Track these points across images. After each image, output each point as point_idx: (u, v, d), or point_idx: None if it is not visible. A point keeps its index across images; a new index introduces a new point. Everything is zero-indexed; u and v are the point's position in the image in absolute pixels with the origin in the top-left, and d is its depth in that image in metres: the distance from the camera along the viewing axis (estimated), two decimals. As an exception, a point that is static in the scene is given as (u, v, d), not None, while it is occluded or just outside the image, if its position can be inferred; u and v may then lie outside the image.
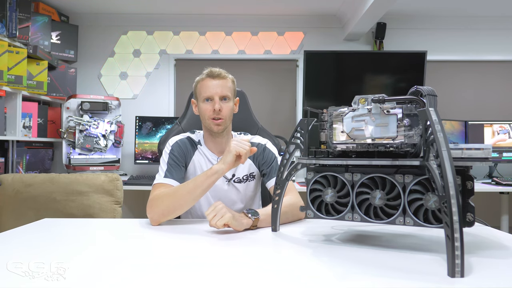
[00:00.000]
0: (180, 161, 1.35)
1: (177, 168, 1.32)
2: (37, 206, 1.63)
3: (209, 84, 1.34)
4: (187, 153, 1.39)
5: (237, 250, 0.90)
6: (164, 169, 1.31)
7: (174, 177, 1.29)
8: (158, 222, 1.16)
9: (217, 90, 1.33)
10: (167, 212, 1.16)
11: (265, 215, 1.12)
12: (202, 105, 1.35)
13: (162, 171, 1.31)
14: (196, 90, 1.39)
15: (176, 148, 1.37)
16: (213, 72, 1.35)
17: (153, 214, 1.16)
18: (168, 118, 3.12)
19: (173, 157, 1.34)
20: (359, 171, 0.86)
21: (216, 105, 1.32)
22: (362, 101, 0.86)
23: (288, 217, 1.19)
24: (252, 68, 3.40)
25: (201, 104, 1.36)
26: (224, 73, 1.36)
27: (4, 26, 2.45)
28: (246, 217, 1.09)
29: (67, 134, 2.85)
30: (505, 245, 0.94)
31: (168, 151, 1.37)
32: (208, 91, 1.33)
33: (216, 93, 1.33)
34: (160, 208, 1.16)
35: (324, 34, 3.39)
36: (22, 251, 0.87)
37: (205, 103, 1.35)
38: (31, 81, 2.74)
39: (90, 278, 0.69)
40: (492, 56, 3.37)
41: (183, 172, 1.35)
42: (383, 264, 0.77)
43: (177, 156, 1.35)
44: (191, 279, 0.69)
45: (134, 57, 3.39)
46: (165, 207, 1.16)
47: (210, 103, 1.34)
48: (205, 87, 1.34)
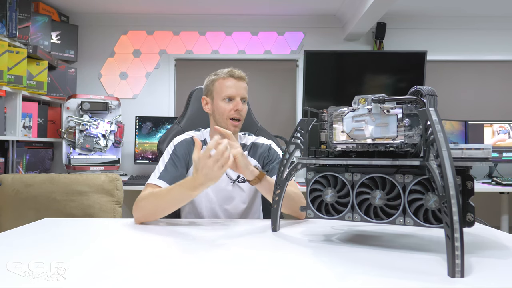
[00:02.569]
0: (180, 161, 1.34)
1: (174, 169, 1.31)
2: (37, 206, 1.63)
3: (232, 84, 1.35)
4: (190, 153, 1.38)
5: (237, 250, 0.90)
6: (160, 169, 1.31)
7: (168, 179, 1.27)
8: (140, 222, 1.17)
9: (240, 91, 1.35)
10: (149, 216, 1.17)
11: (270, 181, 1.16)
12: (222, 104, 1.35)
13: (158, 171, 1.30)
14: (213, 87, 1.38)
15: (179, 148, 1.36)
16: (235, 73, 1.36)
17: (136, 214, 1.17)
18: (168, 118, 3.12)
19: (174, 157, 1.34)
20: (359, 171, 0.86)
21: (240, 105, 1.34)
22: (362, 101, 0.86)
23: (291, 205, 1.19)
24: (252, 68, 3.40)
25: (220, 102, 1.36)
26: (244, 75, 1.39)
27: (4, 26, 2.45)
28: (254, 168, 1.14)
29: (67, 134, 2.85)
30: (505, 245, 0.94)
31: (170, 150, 1.36)
32: (231, 90, 1.34)
33: (238, 94, 1.35)
34: (143, 212, 1.16)
35: (324, 34, 3.39)
36: (22, 251, 0.87)
37: (226, 103, 1.35)
38: (31, 81, 2.74)
39: (90, 278, 0.69)
40: (492, 56, 3.37)
41: (181, 173, 1.34)
42: (383, 264, 0.77)
43: (179, 156, 1.34)
44: (191, 279, 0.69)
45: (134, 57, 3.39)
46: (147, 212, 1.16)
47: (232, 102, 1.35)
48: (227, 86, 1.35)
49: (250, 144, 1.46)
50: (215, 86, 1.37)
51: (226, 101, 1.35)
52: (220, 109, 1.35)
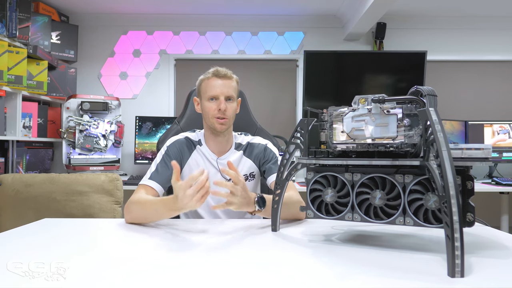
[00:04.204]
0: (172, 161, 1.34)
1: (165, 170, 1.32)
2: (37, 206, 1.63)
3: (215, 84, 1.34)
4: (183, 154, 1.39)
5: (237, 250, 0.90)
6: (152, 170, 1.32)
7: (159, 180, 1.29)
8: (130, 223, 1.18)
9: (223, 90, 1.34)
10: (137, 220, 1.17)
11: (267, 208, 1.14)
12: (207, 104, 1.35)
13: (150, 172, 1.32)
14: (201, 88, 1.39)
15: (172, 149, 1.38)
16: (219, 72, 1.35)
17: (126, 215, 1.18)
18: (168, 118, 3.12)
19: (166, 157, 1.35)
20: (359, 171, 0.86)
21: (222, 105, 1.32)
22: (362, 101, 0.86)
23: (289, 213, 1.19)
24: (252, 68, 3.40)
25: (205, 102, 1.36)
26: (230, 73, 1.37)
27: (4, 26, 2.45)
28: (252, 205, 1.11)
29: (67, 134, 2.85)
30: (505, 245, 0.94)
31: (163, 151, 1.37)
32: (214, 90, 1.34)
33: (222, 92, 1.34)
34: (131, 215, 1.17)
35: (324, 34, 3.39)
36: (22, 251, 0.87)
37: (210, 102, 1.35)
38: (31, 81, 2.74)
39: (90, 278, 0.69)
40: (492, 56, 3.37)
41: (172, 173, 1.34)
42: (383, 264, 0.77)
43: (170, 156, 1.35)
44: (191, 279, 0.69)
45: (134, 57, 3.39)
46: (136, 216, 1.17)
47: (215, 102, 1.34)
48: (211, 86, 1.34)
49: (245, 144, 1.46)
50: (201, 86, 1.38)
51: (210, 101, 1.35)
52: (205, 108, 1.36)
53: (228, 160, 1.15)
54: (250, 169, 1.43)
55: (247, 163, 1.43)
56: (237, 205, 1.07)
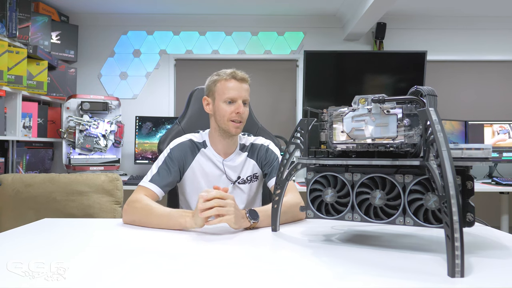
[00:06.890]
0: (174, 165, 1.33)
1: (167, 173, 1.31)
2: (37, 206, 1.63)
3: (234, 86, 1.32)
4: (186, 158, 1.37)
5: (237, 250, 0.90)
6: (153, 172, 1.31)
7: (160, 183, 1.28)
8: (128, 223, 1.17)
9: (241, 94, 1.33)
10: (137, 224, 1.16)
11: (265, 216, 1.11)
12: (223, 106, 1.33)
13: (151, 173, 1.31)
14: (215, 88, 1.35)
15: (174, 152, 1.36)
16: (237, 74, 1.33)
17: (125, 216, 1.18)
18: (168, 118, 3.12)
19: (168, 160, 1.33)
20: (359, 171, 0.86)
21: (241, 109, 1.31)
22: (362, 101, 0.86)
23: (288, 218, 1.18)
24: (252, 68, 3.40)
25: (221, 104, 1.33)
26: (247, 77, 1.36)
27: (4, 26, 2.45)
28: (246, 219, 1.07)
29: (67, 134, 2.85)
30: (505, 245, 0.94)
31: (166, 154, 1.36)
32: (233, 93, 1.32)
33: (240, 96, 1.32)
34: (132, 217, 1.16)
35: (324, 34, 3.39)
36: (22, 251, 0.87)
37: (227, 105, 1.32)
38: (31, 81, 2.74)
39: (90, 278, 0.69)
40: (492, 56, 3.37)
41: (173, 178, 1.33)
42: (383, 264, 0.77)
43: (173, 160, 1.34)
44: (190, 279, 0.69)
45: (134, 57, 3.39)
46: (136, 219, 1.15)
47: (233, 105, 1.32)
48: (229, 88, 1.32)
49: (249, 144, 1.46)
50: (217, 87, 1.34)
51: (227, 103, 1.32)
52: (221, 111, 1.33)
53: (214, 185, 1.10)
54: (254, 170, 1.43)
55: (251, 165, 1.43)
56: (232, 217, 1.03)
